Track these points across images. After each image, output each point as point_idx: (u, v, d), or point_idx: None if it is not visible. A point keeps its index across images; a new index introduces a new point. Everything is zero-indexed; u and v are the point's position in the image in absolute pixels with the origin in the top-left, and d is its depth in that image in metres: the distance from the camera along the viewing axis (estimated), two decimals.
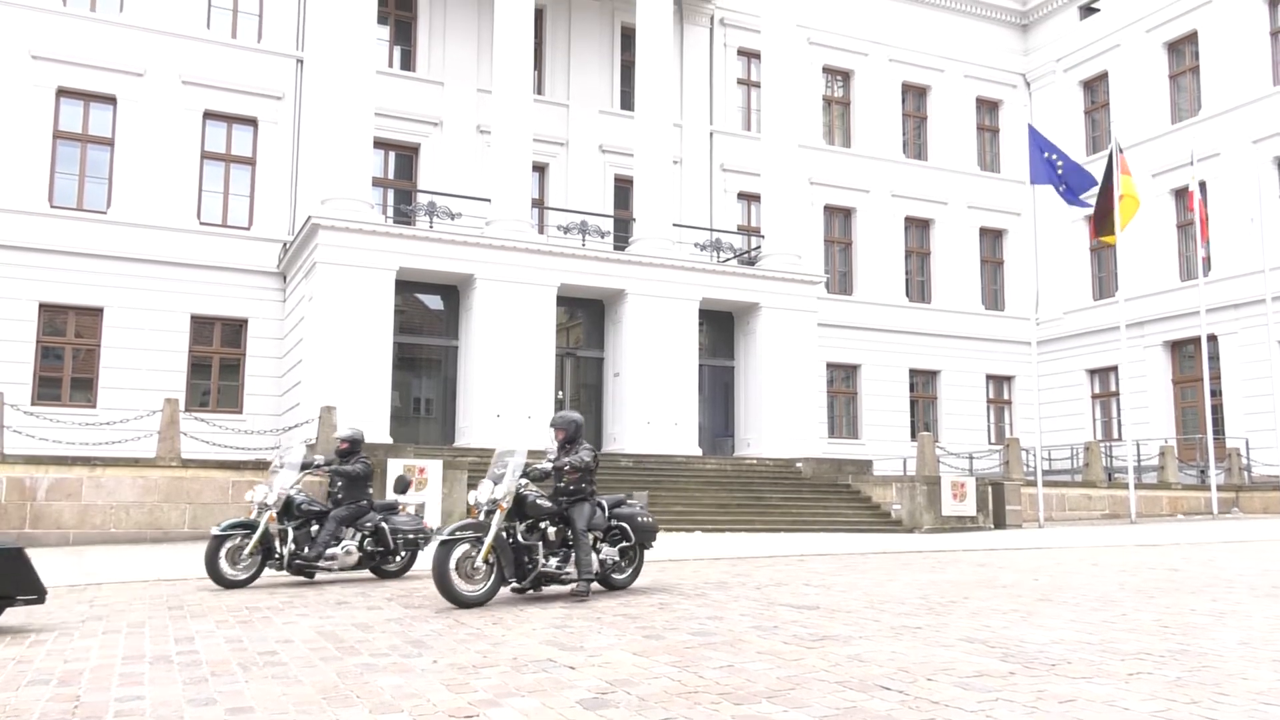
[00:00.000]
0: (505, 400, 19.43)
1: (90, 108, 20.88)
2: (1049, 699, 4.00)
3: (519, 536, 7.50)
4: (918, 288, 29.36)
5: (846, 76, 29.02)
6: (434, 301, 20.84)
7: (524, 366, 19.66)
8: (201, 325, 21.24)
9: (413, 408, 20.83)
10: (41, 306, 19.93)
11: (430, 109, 23.43)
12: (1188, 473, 24.03)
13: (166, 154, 21.15)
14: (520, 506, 7.50)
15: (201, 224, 21.40)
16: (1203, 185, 24.52)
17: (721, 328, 22.99)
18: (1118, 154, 21.01)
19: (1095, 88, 29.75)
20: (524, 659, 5.04)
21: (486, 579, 7.15)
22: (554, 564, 7.58)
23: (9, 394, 17.02)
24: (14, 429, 15.79)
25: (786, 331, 22.26)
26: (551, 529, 7.64)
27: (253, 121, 22.11)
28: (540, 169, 24.17)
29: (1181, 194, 26.33)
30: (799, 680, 4.43)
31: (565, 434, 8.12)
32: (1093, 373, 28.76)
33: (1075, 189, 20.46)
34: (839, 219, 28.43)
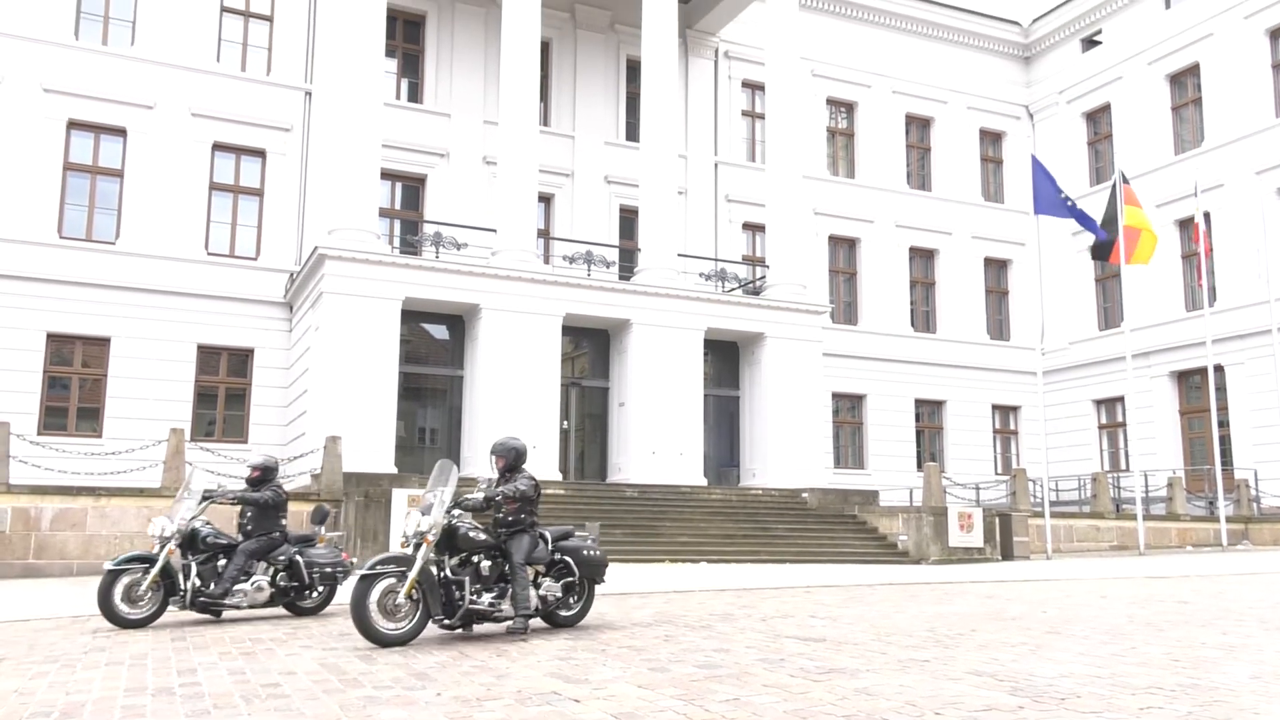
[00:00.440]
0: (510, 430, 19.38)
1: (100, 139, 21.08)
2: None
3: (448, 570, 7.10)
4: (923, 318, 29.38)
5: (850, 108, 29.22)
6: (439, 331, 20.89)
7: (529, 396, 19.66)
8: (208, 355, 21.30)
9: (418, 437, 20.82)
10: (49, 336, 20.01)
11: (437, 140, 23.61)
12: (1196, 504, 23.89)
13: (175, 185, 21.32)
14: (451, 539, 7.14)
15: (209, 254, 21.52)
16: (1207, 216, 24.57)
17: (726, 357, 22.99)
18: (1122, 185, 21.10)
19: (1098, 119, 29.90)
20: (528, 691, 5.00)
21: (410, 616, 6.80)
22: (488, 600, 7.16)
23: (15, 424, 17.04)
24: (20, 459, 15.80)
25: (791, 361, 22.25)
26: (485, 563, 7.25)
27: (261, 153, 22.29)
28: (546, 199, 24.31)
29: (1186, 225, 26.38)
30: (806, 714, 4.39)
31: (505, 462, 7.80)
32: (1099, 403, 28.68)
33: (1084, 220, 20.56)
34: (843, 249, 28.50)
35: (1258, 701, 4.62)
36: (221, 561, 8.55)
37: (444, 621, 7.05)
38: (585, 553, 7.82)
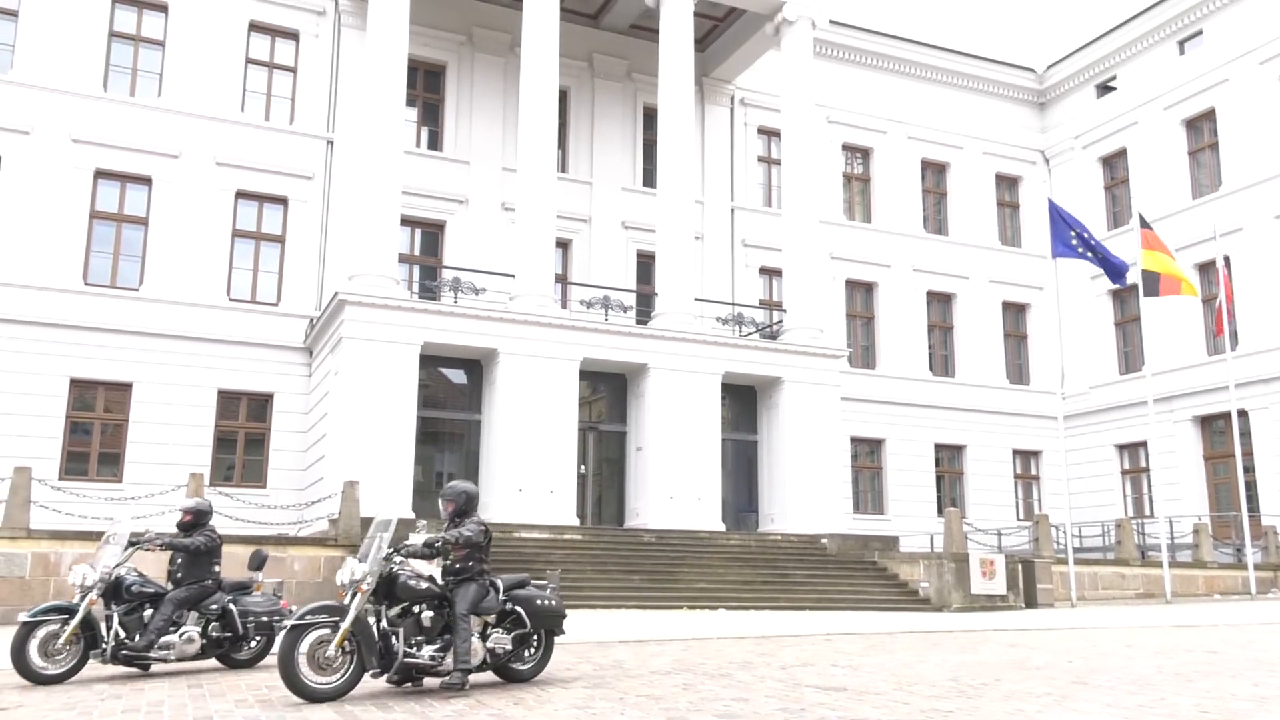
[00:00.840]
0: (527, 475, 19.38)
1: (126, 188, 21.44)
2: None
3: (385, 621, 6.79)
4: (941, 362, 29.27)
5: (866, 153, 29.40)
6: (457, 376, 20.96)
7: (546, 441, 19.65)
8: (228, 400, 21.43)
9: (435, 482, 20.80)
10: (72, 382, 20.20)
11: (456, 187, 23.88)
12: (1223, 551, 23.51)
13: (199, 232, 21.61)
14: (391, 587, 6.82)
15: (231, 300, 21.75)
16: (1226, 260, 24.45)
17: (744, 402, 22.94)
18: (1140, 228, 21.06)
19: (1114, 164, 29.95)
20: None
21: (344, 669, 6.47)
22: (429, 653, 6.78)
23: (37, 469, 17.16)
24: (41, 504, 15.87)
25: (809, 405, 22.18)
26: (428, 613, 6.90)
27: (283, 200, 22.60)
28: (563, 245, 24.49)
29: (1206, 268, 26.28)
30: None
31: (455, 506, 7.41)
32: (1122, 448, 28.39)
33: (1106, 262, 20.46)
34: (860, 293, 28.52)
35: None
36: (148, 612, 8.04)
37: (381, 675, 6.73)
38: (539, 602, 7.46)
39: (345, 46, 23.40)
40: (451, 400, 21.01)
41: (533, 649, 7.50)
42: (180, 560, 8.31)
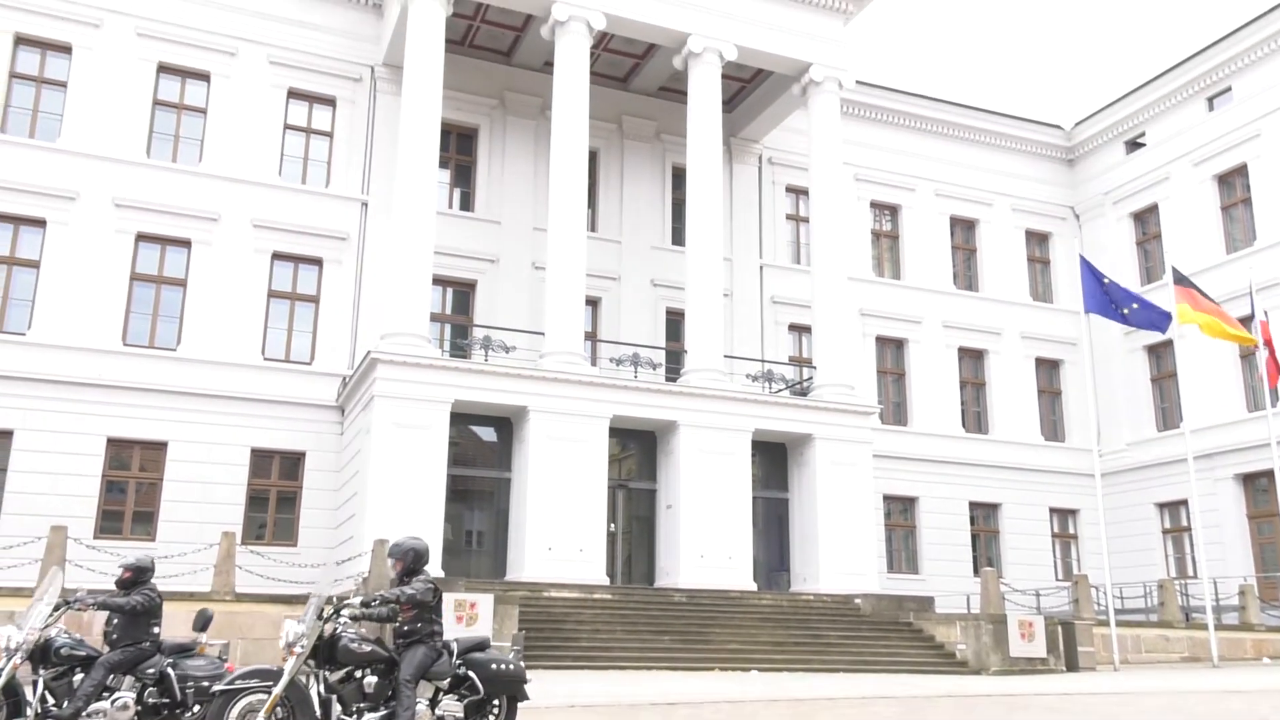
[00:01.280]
0: (557, 533, 19.29)
1: (166, 250, 21.89)
2: None
3: (322, 687, 6.53)
4: (974, 418, 28.98)
5: (894, 210, 29.49)
6: (487, 433, 21.01)
7: (576, 498, 19.58)
8: (261, 458, 21.59)
9: (465, 540, 20.76)
10: (109, 441, 20.45)
11: (487, 246, 24.18)
12: (1271, 613, 22.85)
13: (235, 293, 21.98)
14: (332, 650, 6.59)
15: (265, 359, 22.02)
16: (1266, 314, 24.11)
17: (775, 459, 22.79)
18: (1174, 284, 20.87)
19: (1146, 219, 29.81)
20: None
21: None
22: None
23: (73, 528, 17.31)
24: (75, 563, 15.99)
25: (841, 463, 21.98)
26: (371, 678, 6.62)
27: (318, 261, 22.97)
28: (593, 302, 24.65)
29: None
30: None
31: (403, 564, 7.14)
32: (1162, 506, 27.82)
33: (1138, 315, 20.20)
34: (891, 350, 28.40)
35: None
36: (79, 676, 7.50)
37: None
38: (496, 667, 7.11)
39: (380, 111, 23.93)
40: (481, 458, 21.03)
41: (492, 718, 7.15)
42: (116, 621, 7.84)
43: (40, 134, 21.42)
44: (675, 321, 25.21)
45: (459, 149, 24.92)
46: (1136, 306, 20.20)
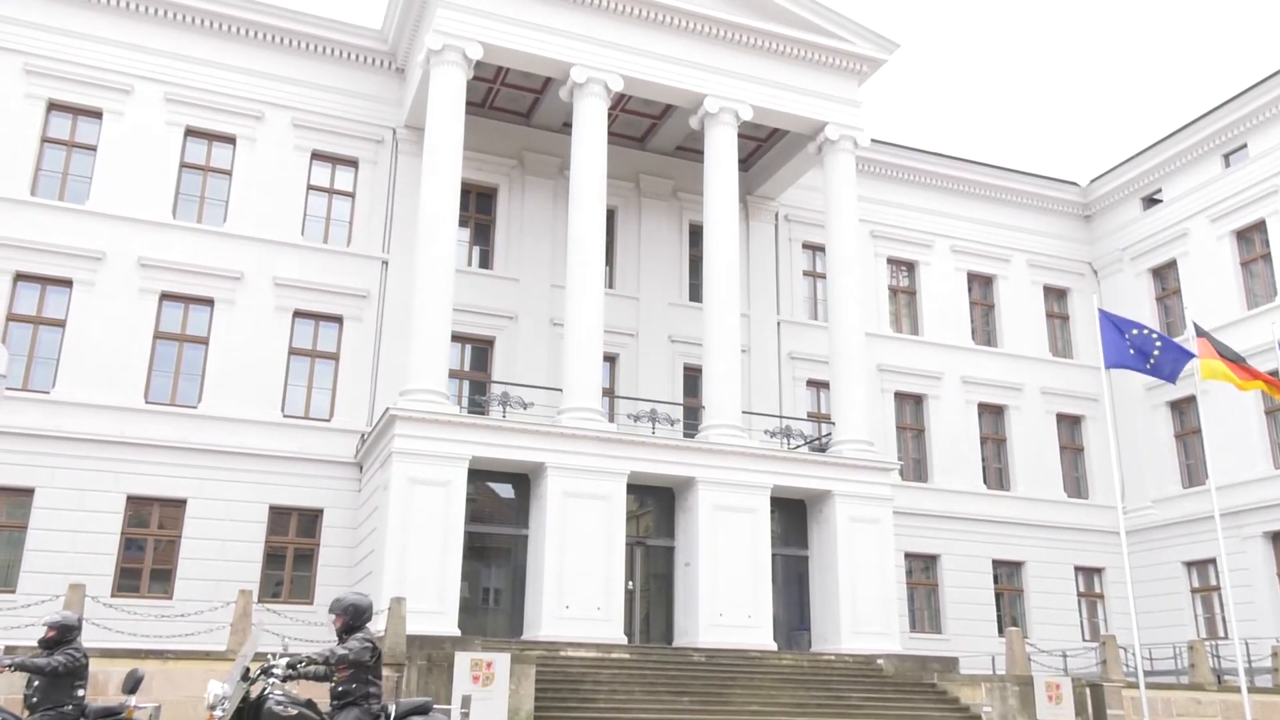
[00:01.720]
0: (574, 591, 19.12)
1: (190, 309, 22.18)
2: None
3: None
4: (995, 475, 28.69)
5: (911, 266, 29.56)
6: (505, 490, 20.96)
7: (594, 556, 19.44)
8: (279, 515, 21.59)
9: (481, 598, 20.60)
10: (129, 499, 20.53)
11: (506, 303, 24.36)
12: None
13: (257, 351, 22.18)
14: (256, 713, 6.34)
15: (285, 416, 22.13)
16: None
17: (794, 516, 22.59)
18: (1195, 338, 20.71)
19: (1165, 275, 29.74)
20: None
21: None
22: None
23: (91, 586, 17.33)
24: (92, 621, 15.97)
25: (861, 520, 21.76)
26: None
27: (338, 319, 23.20)
28: (611, 359, 24.71)
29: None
30: None
31: (344, 621, 6.96)
32: (1190, 565, 27.32)
33: (1165, 363, 19.94)
34: (910, 405, 28.26)
35: None
36: None
37: None
38: None
39: (402, 172, 24.33)
40: (499, 515, 20.96)
41: None
42: (38, 683, 7.50)
43: (69, 196, 21.87)
44: (693, 378, 25.22)
45: (478, 208, 25.25)
46: (1159, 351, 19.93)
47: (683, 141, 26.42)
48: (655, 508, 21.85)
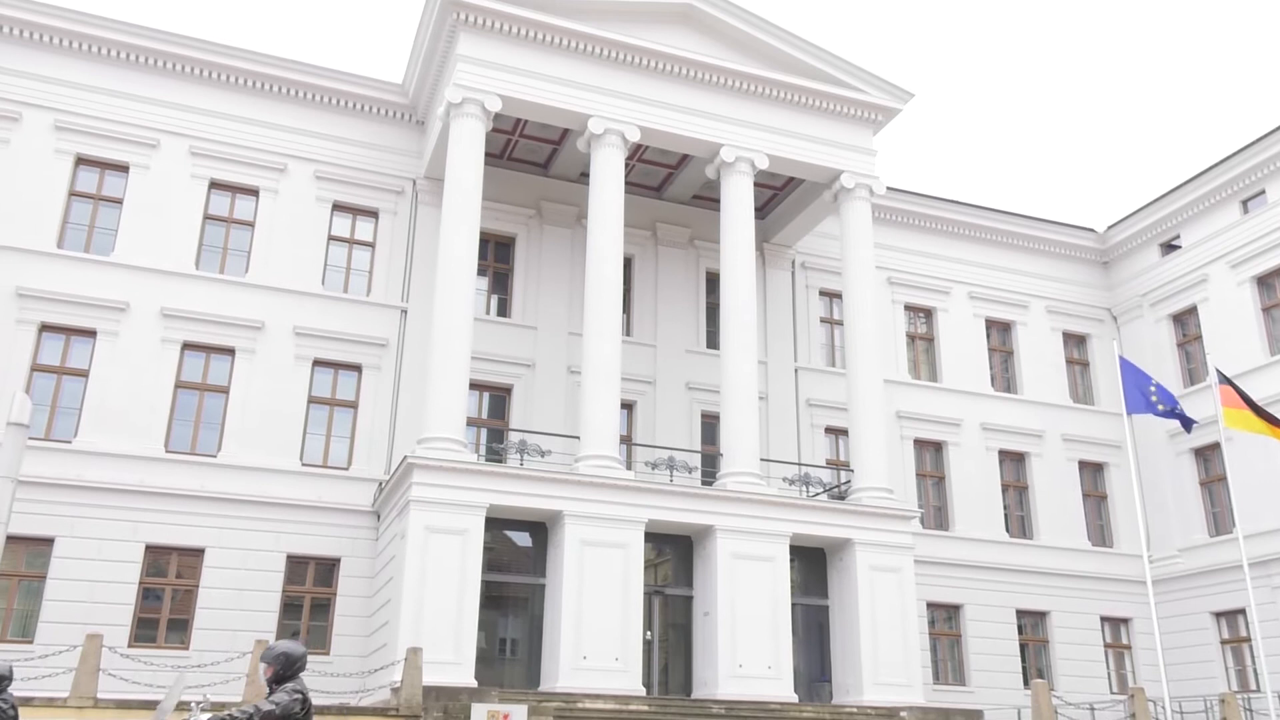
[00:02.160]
0: (592, 641, 18.93)
1: (211, 359, 22.37)
2: None
3: None
4: (1018, 523, 28.34)
5: (929, 313, 29.52)
6: (522, 538, 20.87)
7: (611, 605, 19.27)
8: (296, 565, 21.56)
9: (498, 648, 20.42)
10: (147, 548, 20.56)
11: (523, 351, 24.45)
12: None
13: (276, 400, 22.31)
14: None
15: (303, 465, 22.19)
16: None
17: (814, 564, 22.36)
18: (1217, 385, 20.57)
19: (1185, 321, 29.56)
20: None
21: None
22: None
23: (108, 636, 17.30)
24: (109, 671, 15.92)
25: (882, 568, 21.51)
26: None
27: (357, 368, 23.34)
28: (628, 406, 24.70)
29: None
30: None
31: (274, 670, 6.69)
32: (1218, 615, 26.78)
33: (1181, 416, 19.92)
34: (930, 452, 28.05)
35: None
36: None
37: None
38: None
39: (421, 222, 24.61)
40: (516, 564, 20.84)
41: None
42: None
43: (95, 248, 22.22)
44: (710, 425, 25.15)
45: (497, 257, 25.47)
46: (1172, 410, 19.94)
47: (699, 190, 26.64)
48: (673, 556, 21.68)
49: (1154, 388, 20.00)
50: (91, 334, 21.57)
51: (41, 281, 21.31)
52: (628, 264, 25.52)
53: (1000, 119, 72.92)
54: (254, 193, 23.74)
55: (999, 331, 30.22)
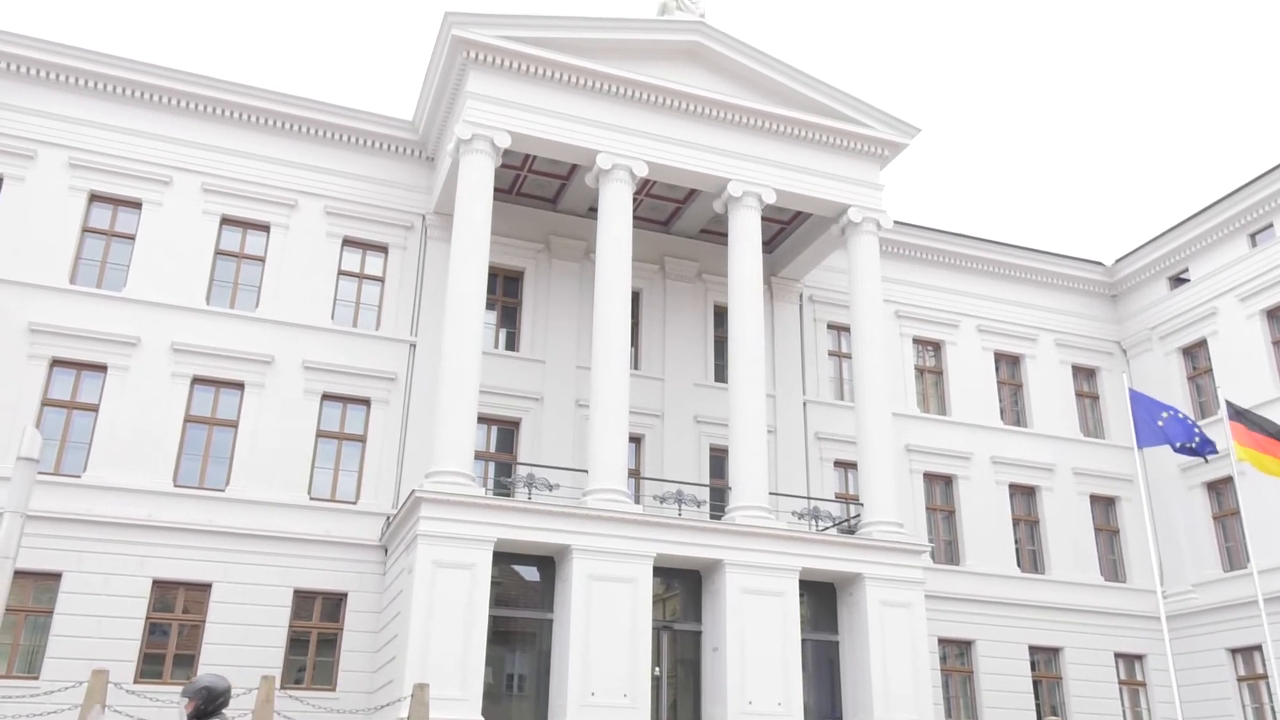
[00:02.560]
0: (600, 677, 18.77)
1: (220, 393, 22.44)
2: None
3: None
4: (1029, 557, 28.11)
5: (938, 346, 29.49)
6: (530, 573, 20.75)
7: (620, 641, 19.11)
8: (303, 599, 21.47)
9: (505, 684, 20.23)
10: (154, 583, 20.51)
11: (532, 385, 24.48)
12: None
13: (284, 434, 22.34)
14: None
15: (311, 499, 22.17)
16: None
17: (824, 599, 22.17)
18: (1228, 419, 20.45)
19: (1195, 354, 29.46)
20: None
21: None
22: None
23: (115, 671, 17.23)
24: (114, 708, 15.83)
25: (893, 604, 21.32)
26: None
27: (366, 401, 23.37)
28: (636, 440, 24.66)
29: None
30: None
31: (195, 705, 6.14)
32: (1234, 652, 26.43)
33: (1205, 442, 19.76)
34: (939, 486, 27.90)
35: None
36: None
37: None
38: None
39: (430, 257, 24.76)
40: (524, 598, 20.72)
41: None
42: None
43: (107, 284, 22.38)
44: (719, 458, 25.08)
45: (505, 291, 25.58)
46: (1197, 441, 19.79)
47: (707, 224, 26.77)
48: (682, 591, 21.54)
49: (1166, 415, 19.87)
50: (102, 369, 21.67)
51: (53, 317, 21.46)
52: (636, 298, 25.59)
53: (1008, 153, 73.26)
54: (265, 228, 23.93)
55: (1008, 364, 30.16)
